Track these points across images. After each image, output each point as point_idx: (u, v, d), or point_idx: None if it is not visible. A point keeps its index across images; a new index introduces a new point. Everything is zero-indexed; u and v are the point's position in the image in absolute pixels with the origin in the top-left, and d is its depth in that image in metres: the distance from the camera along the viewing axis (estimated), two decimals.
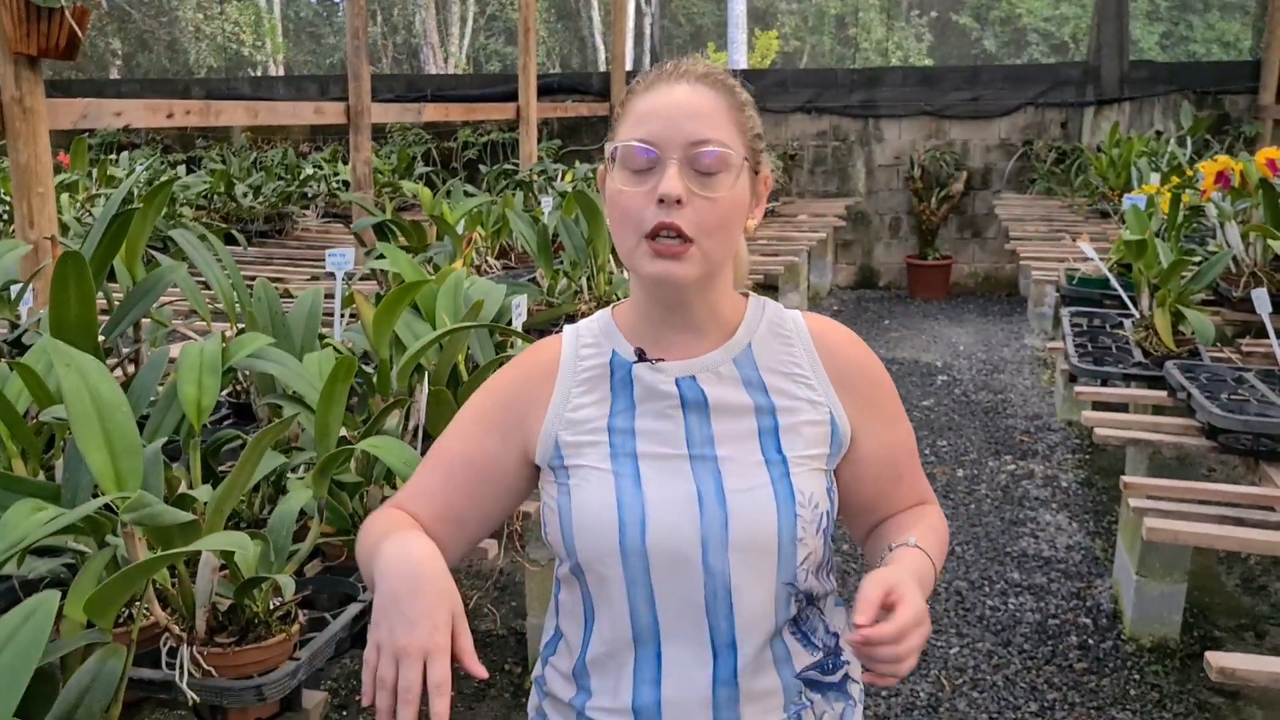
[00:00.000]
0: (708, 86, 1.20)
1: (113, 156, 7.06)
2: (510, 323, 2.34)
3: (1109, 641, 3.41)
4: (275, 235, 6.34)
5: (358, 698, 3.20)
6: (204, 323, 2.62)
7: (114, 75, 17.48)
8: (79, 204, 5.18)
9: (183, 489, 1.65)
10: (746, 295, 1.33)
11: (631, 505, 1.18)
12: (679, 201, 1.14)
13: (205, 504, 1.52)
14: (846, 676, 1.30)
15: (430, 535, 1.19)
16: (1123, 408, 3.49)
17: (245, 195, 6.29)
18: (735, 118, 1.21)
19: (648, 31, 16.62)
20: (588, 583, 1.23)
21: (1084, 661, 3.31)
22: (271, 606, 1.55)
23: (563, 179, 5.94)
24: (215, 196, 6.23)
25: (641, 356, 1.25)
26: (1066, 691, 3.15)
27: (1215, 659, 1.63)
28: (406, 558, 1.10)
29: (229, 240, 5.30)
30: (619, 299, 1.43)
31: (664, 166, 1.15)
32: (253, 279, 4.82)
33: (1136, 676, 3.22)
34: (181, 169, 6.98)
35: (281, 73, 17.43)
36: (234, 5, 16.73)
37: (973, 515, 4.39)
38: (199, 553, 1.43)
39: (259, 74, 16.38)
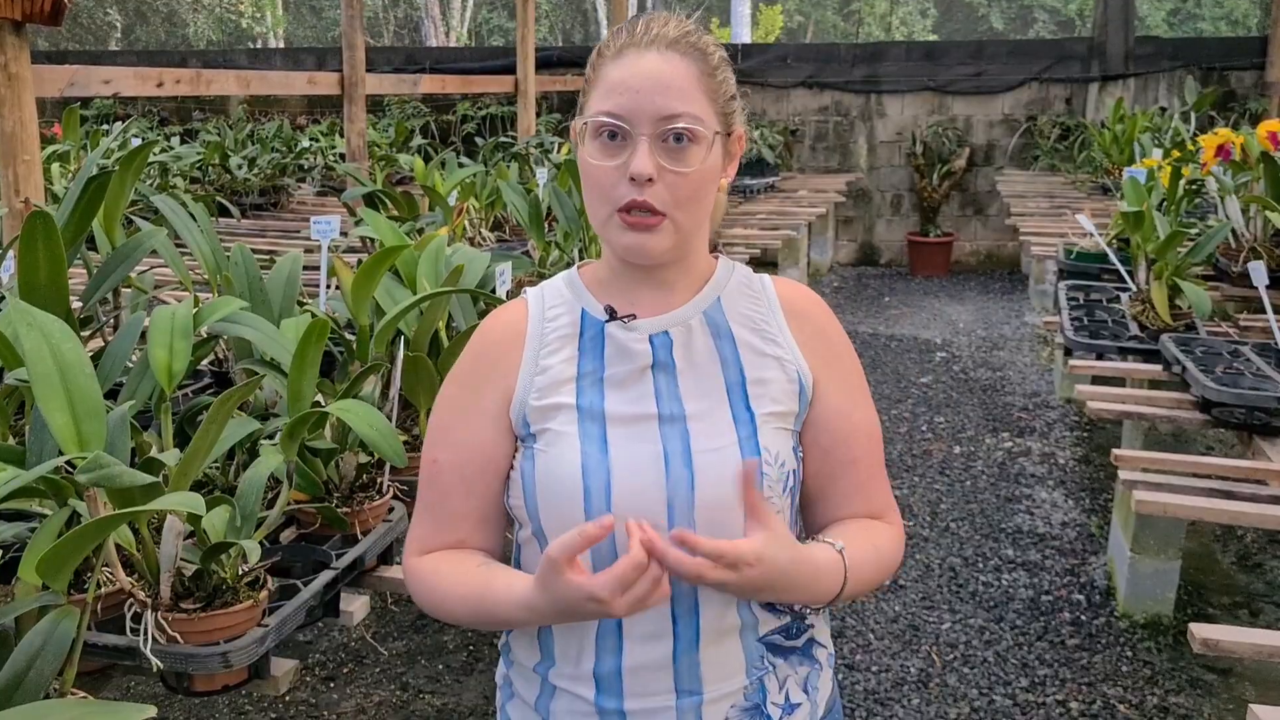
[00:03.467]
0: (679, 54, 1.17)
1: (106, 128, 7.01)
2: (494, 290, 2.31)
3: (1102, 618, 3.39)
4: (270, 208, 6.29)
5: (346, 669, 3.19)
6: (185, 290, 2.59)
7: (113, 47, 17.37)
8: (70, 174, 5.14)
9: (152, 454, 1.62)
10: (717, 256, 1.31)
11: (597, 470, 1.16)
12: (650, 180, 1.13)
13: (172, 469, 1.49)
14: (812, 640, 1.28)
15: (476, 545, 1.24)
16: (1119, 382, 3.46)
17: (240, 167, 6.24)
18: (706, 85, 1.18)
19: (650, 6, 16.50)
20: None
21: (1076, 638, 3.29)
22: (240, 573, 1.53)
23: (559, 152, 5.89)
24: (209, 168, 6.18)
25: (613, 315, 1.23)
26: (1058, 668, 3.14)
27: (1199, 630, 1.60)
28: (516, 602, 1.13)
29: (222, 211, 5.25)
30: None
31: (634, 142, 1.14)
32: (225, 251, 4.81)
33: (1129, 653, 3.20)
34: (176, 141, 6.92)
35: (281, 46, 17.33)
36: None
37: (968, 492, 4.37)
38: (164, 516, 1.41)
39: (259, 46, 16.28)
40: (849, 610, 3.44)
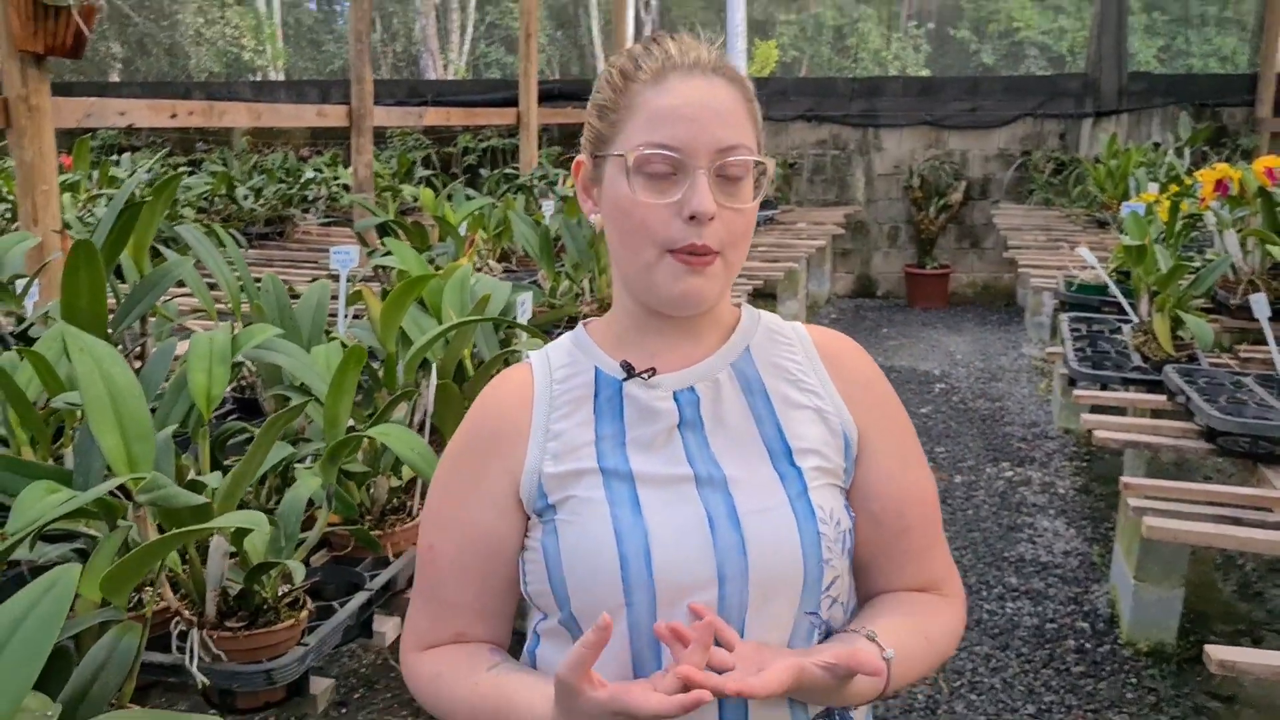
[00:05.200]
0: (724, 79, 1.06)
1: (114, 158, 7.07)
2: (515, 319, 2.36)
3: (1106, 646, 3.43)
4: (276, 237, 6.35)
5: (358, 695, 3.20)
6: (210, 320, 2.63)
7: (114, 79, 17.51)
8: (80, 204, 5.19)
9: (191, 476, 1.66)
10: (739, 304, 1.20)
11: (632, 535, 1.03)
12: (712, 218, 1.02)
13: (215, 490, 1.53)
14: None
15: (479, 638, 1.13)
16: (1121, 412, 3.51)
17: (246, 197, 6.30)
18: (751, 112, 1.09)
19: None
20: (583, 631, 1.02)
21: (1081, 665, 3.32)
22: (280, 593, 1.56)
23: (564, 183, 5.96)
24: (216, 198, 6.24)
25: (630, 371, 1.11)
26: (1064, 694, 3.17)
27: (1215, 652, 1.65)
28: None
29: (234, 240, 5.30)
30: None
31: (691, 176, 1.02)
32: (254, 280, 4.86)
33: (1134, 680, 3.23)
34: (183, 170, 6.99)
35: (281, 79, 17.48)
36: (235, 10, 16.77)
37: (970, 521, 4.41)
38: (210, 536, 1.45)
39: (259, 79, 16.41)
40: None
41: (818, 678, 0.99)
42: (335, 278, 2.92)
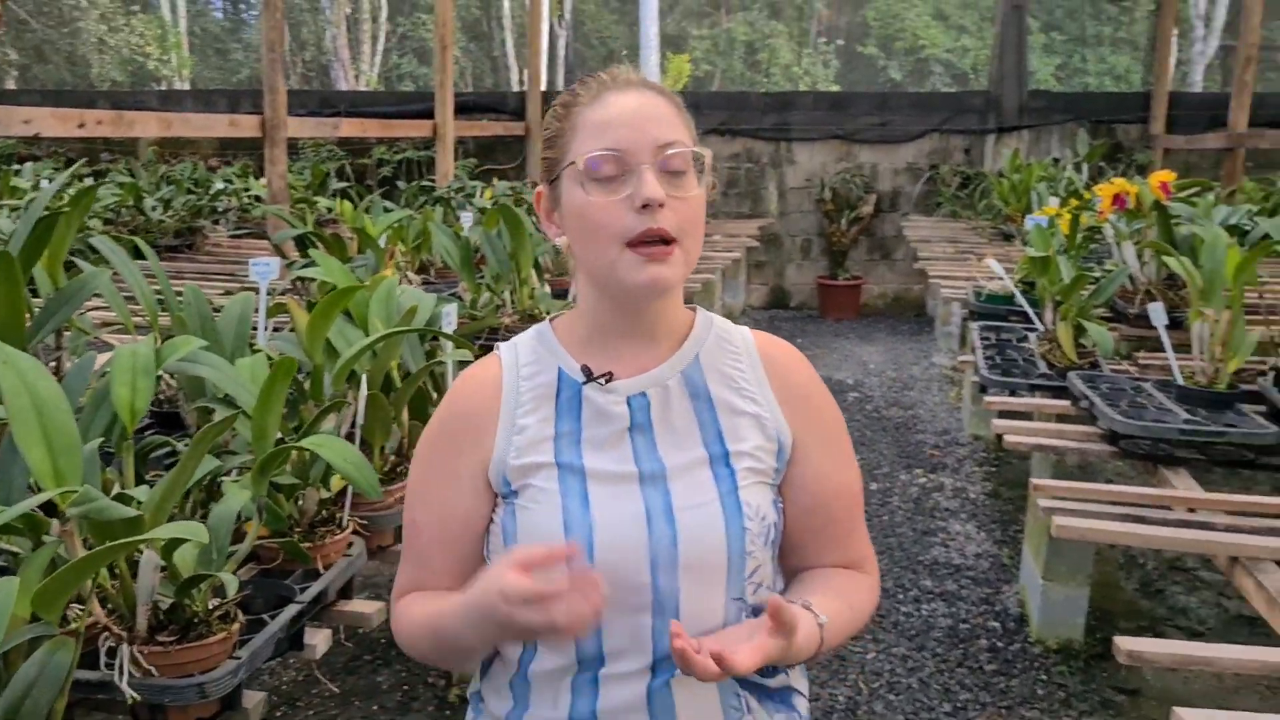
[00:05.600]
0: (655, 92, 1.20)
1: (15, 167, 6.85)
2: (442, 329, 2.36)
3: (1017, 644, 3.53)
4: (186, 249, 6.21)
5: (280, 713, 3.16)
6: (127, 333, 2.59)
7: (9, 85, 16.94)
8: None
9: (118, 490, 1.64)
10: (694, 309, 1.30)
11: (579, 527, 1.15)
12: (661, 204, 1.12)
13: (143, 503, 1.51)
14: (789, 688, 1.27)
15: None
16: (1028, 417, 3.63)
17: (155, 209, 6.16)
18: (684, 119, 1.21)
19: (561, 53, 16.71)
20: None
21: (994, 663, 3.42)
22: (211, 606, 1.55)
23: (482, 195, 5.96)
24: (124, 210, 6.10)
25: (589, 375, 1.22)
26: (978, 692, 3.26)
27: (1123, 643, 1.72)
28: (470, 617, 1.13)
29: (136, 254, 5.18)
30: (541, 313, 1.42)
31: (637, 172, 1.13)
32: (176, 293, 4.75)
33: (1044, 677, 3.34)
34: (88, 183, 6.80)
35: (187, 87, 17.09)
36: (139, 18, 16.35)
37: (886, 526, 4.51)
38: (140, 550, 1.43)
39: (165, 88, 16.02)
40: None
41: (773, 649, 1.09)
42: (254, 289, 2.89)
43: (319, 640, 1.78)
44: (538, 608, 1.02)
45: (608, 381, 1.21)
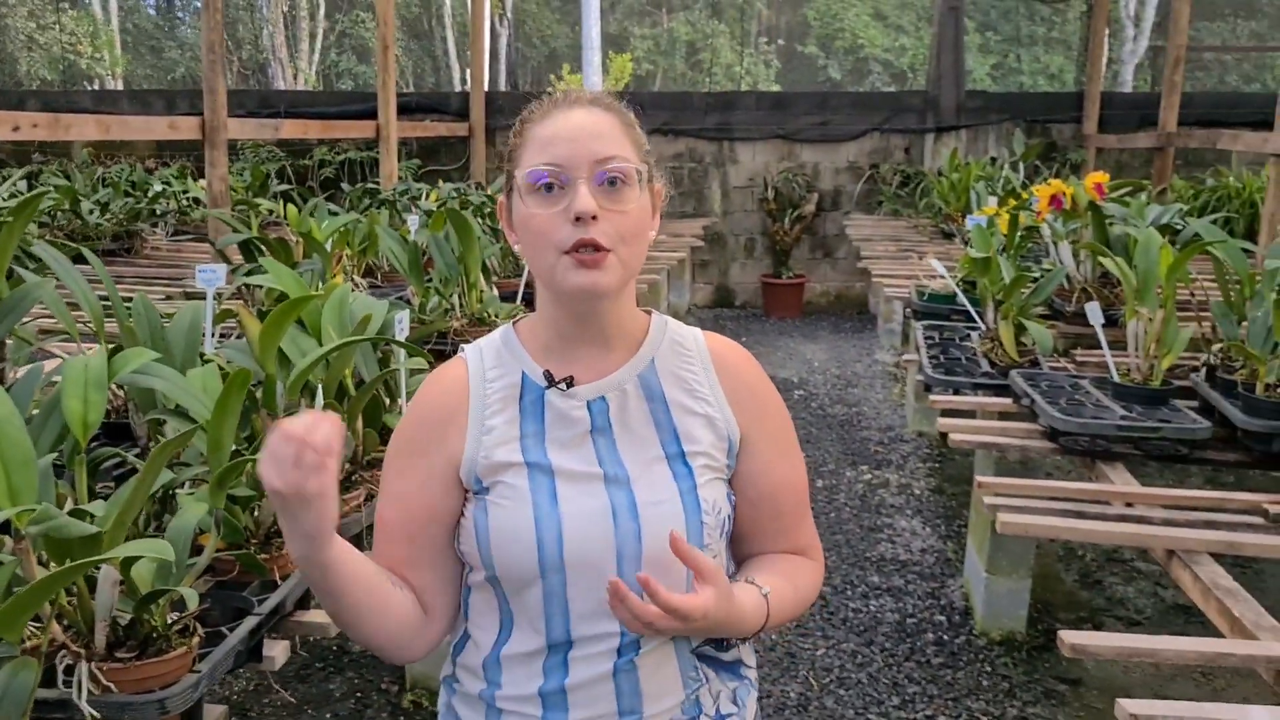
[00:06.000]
0: (601, 109, 1.27)
1: None
2: (395, 338, 2.36)
3: (962, 637, 3.61)
4: (124, 254, 6.11)
5: (252, 712, 3.14)
6: (72, 341, 2.55)
7: None
8: None
9: (74, 506, 1.62)
10: (649, 313, 1.39)
11: (548, 522, 1.23)
12: (594, 217, 1.20)
13: (100, 519, 1.50)
14: (740, 661, 1.36)
15: (423, 589, 1.30)
16: (972, 415, 3.71)
17: (92, 212, 6.05)
18: (630, 134, 1.28)
19: (503, 53, 16.64)
20: (505, 594, 1.28)
21: (940, 656, 3.49)
22: (170, 621, 1.54)
23: (427, 198, 5.93)
24: (59, 213, 5.98)
25: (551, 380, 1.29)
26: (925, 685, 3.32)
27: (1067, 637, 1.78)
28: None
29: (77, 259, 5.08)
30: (490, 316, 1.48)
31: (574, 186, 1.21)
32: (104, 299, 4.67)
33: (988, 668, 3.42)
34: (21, 185, 6.65)
35: (120, 86, 16.75)
36: (69, 15, 15.98)
37: (833, 523, 4.57)
38: (99, 566, 1.42)
39: (97, 87, 15.69)
40: None
41: (710, 600, 1.18)
42: (200, 296, 2.86)
43: (277, 651, 1.78)
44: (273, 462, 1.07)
45: (569, 386, 1.28)
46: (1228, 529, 2.36)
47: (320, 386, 2.02)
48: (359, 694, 3.30)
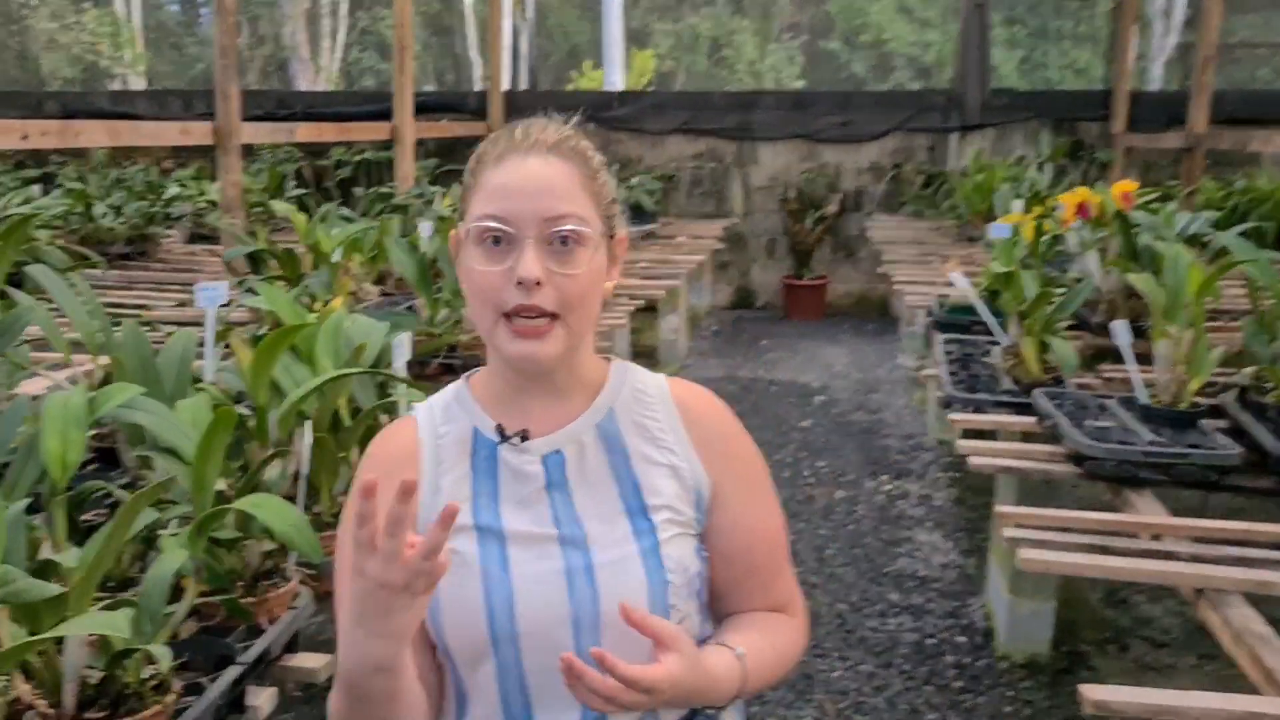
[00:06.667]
0: (560, 158, 1.18)
1: None
2: (393, 363, 2.29)
3: (984, 659, 3.51)
4: (138, 257, 6.08)
5: None
6: (62, 356, 2.49)
7: None
8: None
9: (47, 552, 1.56)
10: (609, 360, 1.31)
11: (499, 589, 1.15)
12: (538, 283, 1.12)
13: (72, 569, 1.43)
14: None
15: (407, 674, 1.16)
16: (993, 434, 3.61)
17: (105, 215, 6.02)
18: (589, 187, 1.19)
19: (524, 49, 16.60)
20: (457, 667, 1.20)
21: (961, 680, 3.40)
22: (144, 676, 1.48)
23: (440, 202, 5.87)
24: (72, 216, 5.95)
25: (504, 435, 1.22)
26: (945, 711, 3.23)
27: (1090, 692, 1.69)
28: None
29: (88, 265, 5.05)
30: None
31: (520, 246, 1.13)
32: (115, 305, 4.63)
33: (1010, 693, 3.32)
34: (36, 188, 6.65)
35: (142, 84, 16.80)
36: (91, 14, 16.04)
37: (852, 536, 4.48)
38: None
39: (118, 86, 15.73)
40: None
41: (674, 667, 1.09)
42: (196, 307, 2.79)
43: (263, 700, 1.71)
44: (366, 538, 0.98)
45: (523, 440, 1.21)
46: (1260, 566, 2.26)
47: (309, 424, 1.95)
48: None
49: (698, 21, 22.91)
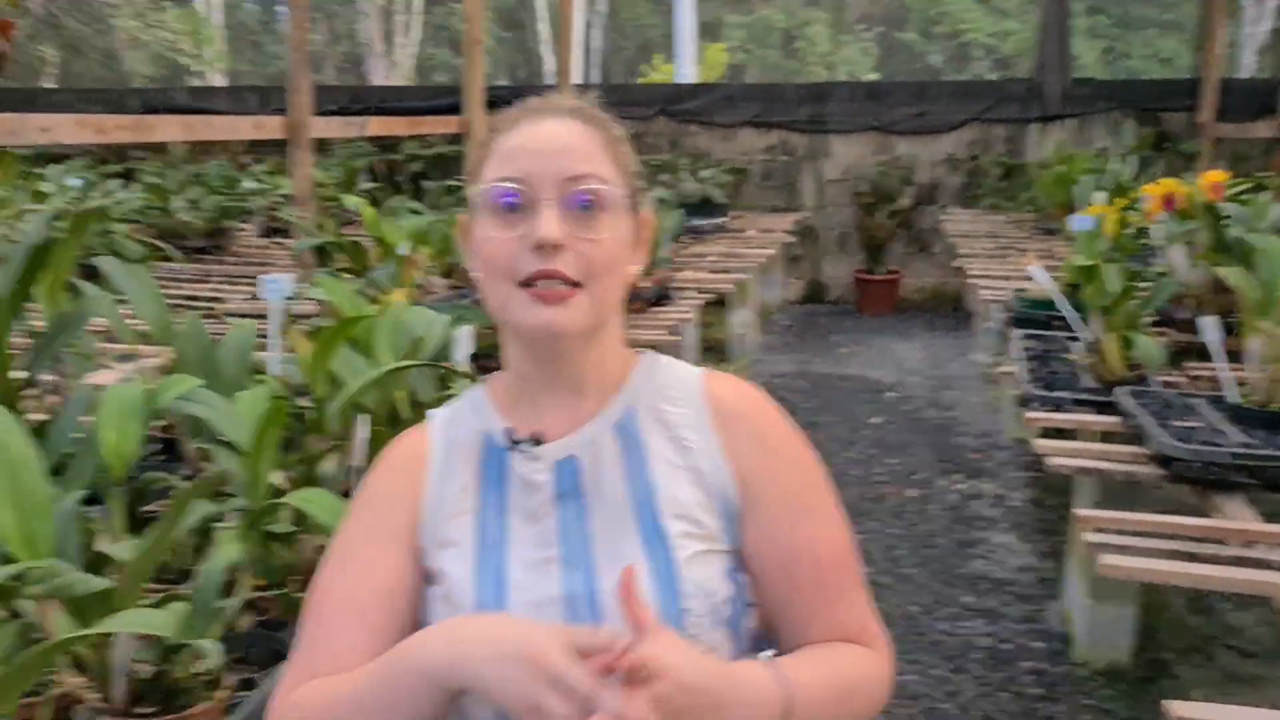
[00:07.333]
0: (578, 120, 1.10)
1: (42, 171, 6.85)
2: (454, 356, 2.27)
3: (1061, 666, 3.40)
4: (214, 251, 6.18)
5: None
6: (130, 348, 2.51)
7: (48, 84, 17.08)
8: (7, 221, 5.01)
9: (105, 544, 1.55)
10: (639, 353, 1.20)
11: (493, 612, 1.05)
12: (557, 246, 1.03)
13: (124, 563, 1.42)
14: None
15: None
16: (1073, 433, 3.49)
17: (183, 210, 6.13)
18: (611, 152, 1.11)
19: (595, 44, 16.61)
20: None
21: (1038, 687, 3.29)
22: (196, 672, 1.46)
23: None
24: (151, 211, 6.06)
25: (514, 441, 1.12)
26: (1020, 719, 3.13)
27: (1176, 709, 1.60)
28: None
29: (164, 258, 5.15)
30: None
31: (537, 208, 1.04)
32: (190, 299, 4.71)
33: (1089, 701, 3.21)
34: (117, 182, 6.78)
35: (221, 81, 17.15)
36: (172, 13, 16.43)
37: (924, 536, 4.38)
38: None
39: (198, 83, 16.09)
40: None
41: (670, 656, 0.93)
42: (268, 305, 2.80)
43: None
44: (566, 699, 0.88)
45: (536, 444, 1.12)
46: None
47: (367, 416, 1.93)
48: None
49: (770, 13, 22.74)
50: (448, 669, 0.96)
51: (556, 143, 1.07)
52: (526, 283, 1.04)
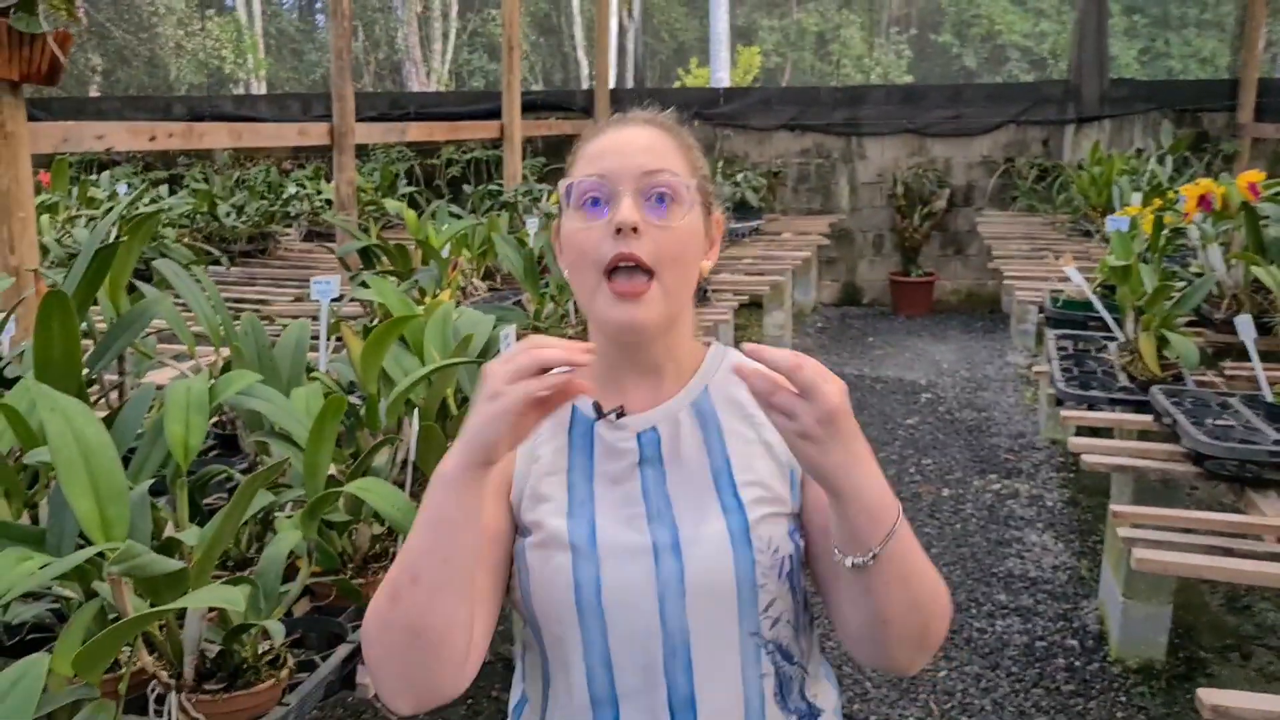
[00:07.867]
0: (656, 127, 1.24)
1: (93, 176, 7.01)
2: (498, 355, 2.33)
3: (1095, 663, 3.42)
4: (259, 255, 6.31)
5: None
6: (187, 348, 2.60)
7: (94, 93, 17.38)
8: (59, 225, 5.15)
9: (170, 531, 1.63)
10: (708, 344, 1.33)
11: (586, 563, 1.17)
12: (635, 229, 1.14)
13: (193, 548, 1.50)
14: (813, 708, 1.26)
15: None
16: (1108, 432, 3.50)
17: (228, 215, 6.26)
18: (685, 155, 1.24)
19: (630, 48, 16.67)
20: (544, 644, 1.22)
21: (1071, 684, 3.32)
22: (260, 651, 1.54)
23: (548, 200, 5.94)
24: (198, 216, 6.20)
25: (600, 412, 1.24)
26: (1054, 715, 3.16)
27: (1208, 696, 1.63)
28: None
29: (212, 261, 5.27)
30: None
31: (618, 198, 1.16)
32: (236, 301, 4.82)
33: (1123, 699, 3.23)
34: (164, 188, 6.93)
35: (263, 88, 17.39)
36: (214, 21, 16.67)
37: (959, 535, 4.40)
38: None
39: (240, 90, 16.31)
40: (845, 659, 3.45)
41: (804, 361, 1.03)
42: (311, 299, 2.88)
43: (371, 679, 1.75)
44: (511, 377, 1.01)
45: (619, 417, 1.24)
46: None
47: (417, 411, 2.00)
48: (470, 700, 3.30)
49: (804, 17, 22.72)
50: (452, 453, 1.07)
51: (635, 144, 1.20)
52: (609, 273, 1.16)
